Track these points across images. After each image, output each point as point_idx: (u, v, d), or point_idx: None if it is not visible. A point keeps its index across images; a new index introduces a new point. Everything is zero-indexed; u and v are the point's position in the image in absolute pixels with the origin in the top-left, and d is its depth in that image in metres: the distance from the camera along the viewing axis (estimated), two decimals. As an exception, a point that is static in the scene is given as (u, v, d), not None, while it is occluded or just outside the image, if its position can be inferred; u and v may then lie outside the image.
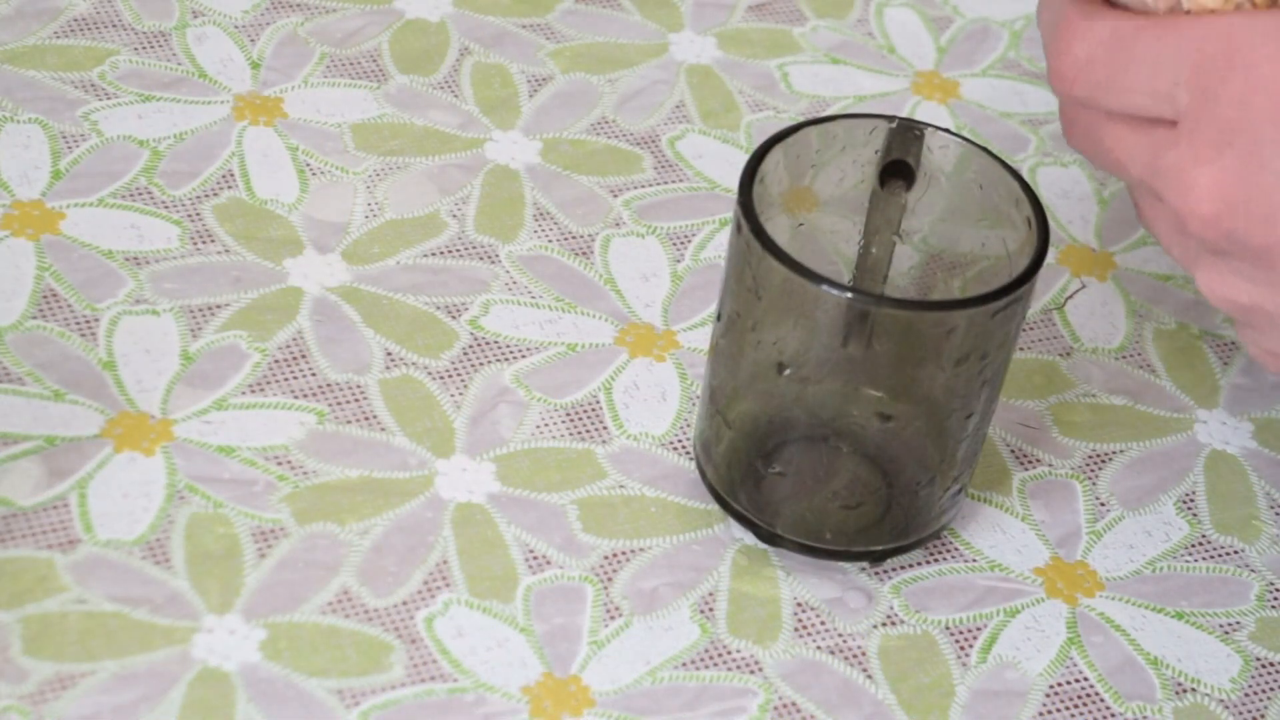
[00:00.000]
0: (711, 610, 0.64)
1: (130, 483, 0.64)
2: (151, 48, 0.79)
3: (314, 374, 0.68)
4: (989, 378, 0.62)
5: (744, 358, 0.63)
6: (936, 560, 0.67)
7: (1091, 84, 0.57)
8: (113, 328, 0.68)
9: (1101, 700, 0.64)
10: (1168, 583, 0.67)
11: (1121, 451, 0.71)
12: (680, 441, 0.69)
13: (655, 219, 0.76)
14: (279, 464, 0.66)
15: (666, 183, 0.77)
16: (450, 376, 0.69)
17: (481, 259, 0.73)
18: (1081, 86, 0.57)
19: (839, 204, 0.65)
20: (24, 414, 0.65)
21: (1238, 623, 0.66)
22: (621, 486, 0.67)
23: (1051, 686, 0.64)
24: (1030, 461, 0.70)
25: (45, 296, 0.69)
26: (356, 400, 0.68)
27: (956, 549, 0.67)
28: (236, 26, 0.80)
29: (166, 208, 0.73)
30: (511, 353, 0.70)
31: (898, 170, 0.64)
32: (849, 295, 0.59)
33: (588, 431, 0.68)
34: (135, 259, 0.71)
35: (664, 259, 0.74)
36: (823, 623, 0.64)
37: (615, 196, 0.76)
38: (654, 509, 0.66)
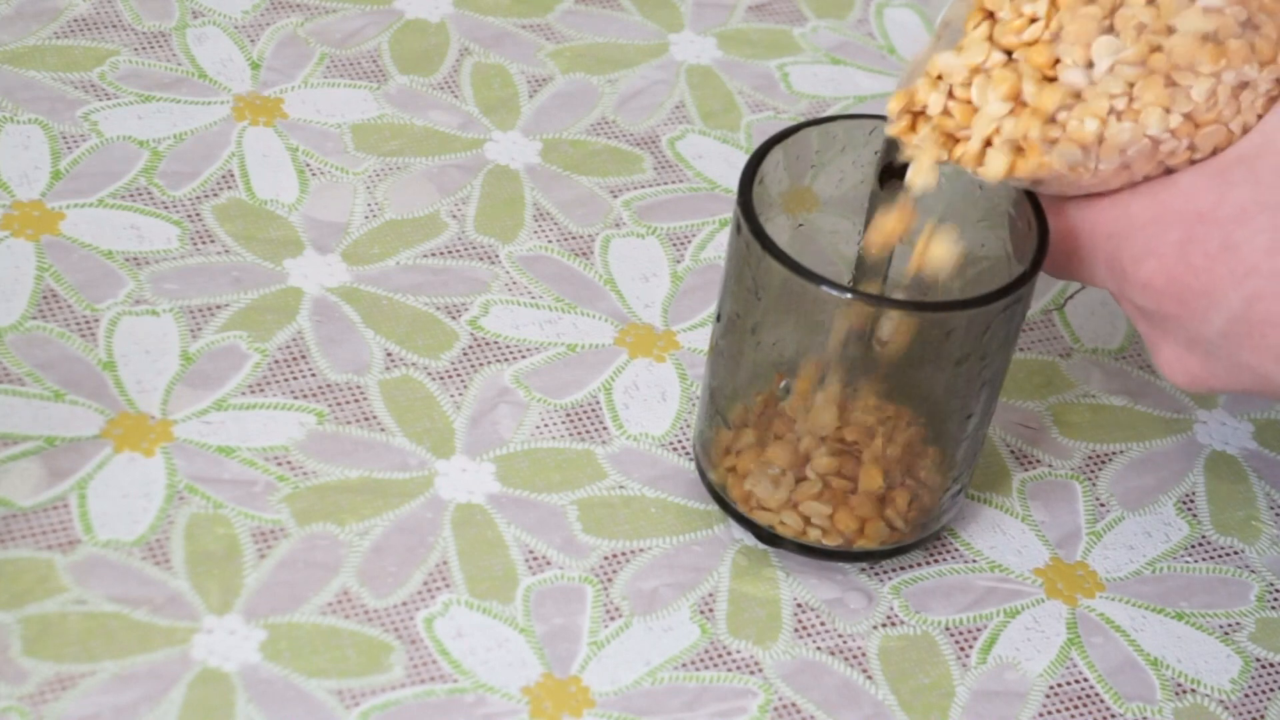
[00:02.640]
0: (711, 611, 0.64)
1: (130, 483, 0.64)
2: (151, 48, 0.79)
3: (314, 374, 0.68)
4: (989, 378, 0.62)
5: (744, 358, 0.63)
6: (936, 561, 0.67)
7: (1065, 277, 0.62)
8: (113, 328, 0.68)
9: (1101, 701, 0.64)
10: (1168, 583, 0.67)
11: (1121, 452, 0.71)
12: (680, 442, 0.69)
13: (655, 219, 0.76)
14: (279, 464, 0.66)
15: (666, 183, 0.77)
16: (450, 377, 0.69)
17: (481, 259, 0.73)
18: (1061, 277, 0.63)
19: (839, 204, 0.65)
20: (24, 414, 0.65)
21: (1238, 623, 0.66)
22: (621, 487, 0.67)
23: (1051, 687, 0.64)
24: (1030, 462, 0.70)
25: (45, 297, 0.69)
26: (356, 401, 0.68)
27: (956, 549, 0.67)
28: (236, 27, 0.80)
29: (166, 208, 0.73)
30: (511, 353, 0.70)
31: (897, 171, 0.64)
32: (849, 295, 0.59)
33: (588, 432, 0.68)
34: (135, 259, 0.71)
35: (664, 259, 0.74)
36: (822, 623, 0.64)
37: (615, 197, 0.76)
38: (654, 509, 0.66)
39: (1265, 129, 0.57)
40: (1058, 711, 0.63)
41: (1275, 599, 0.67)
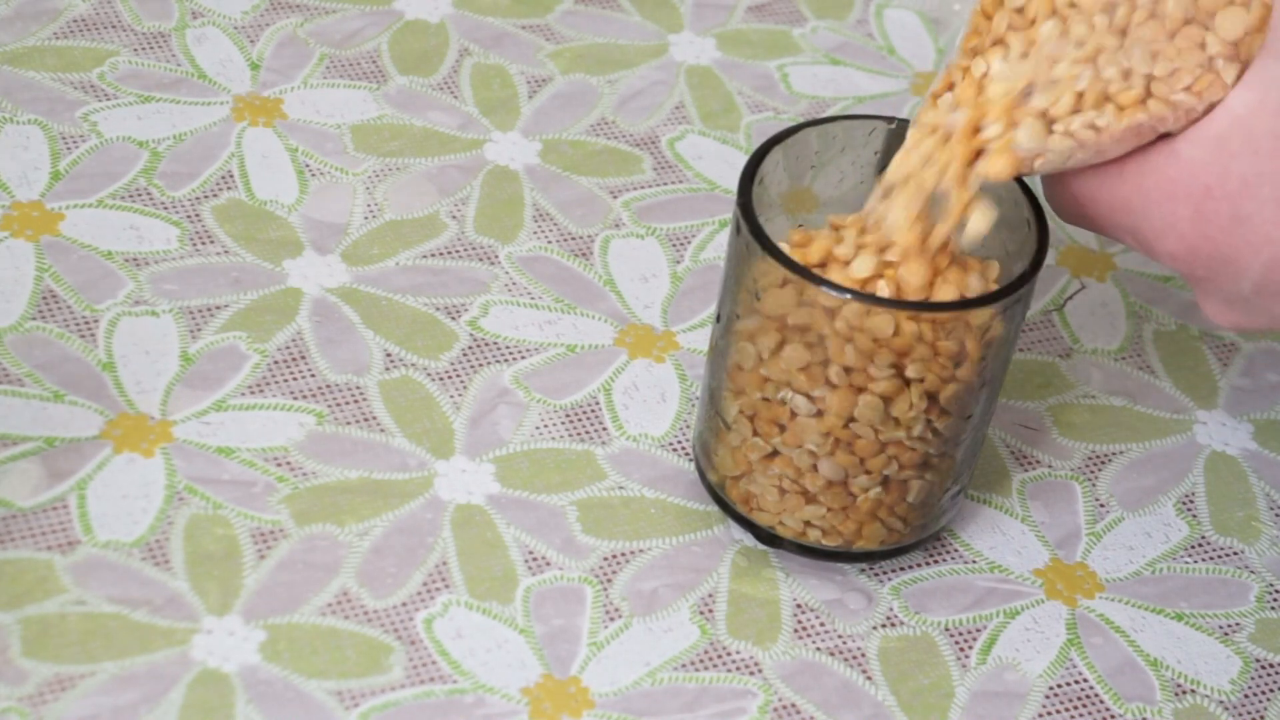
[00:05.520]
0: (711, 611, 0.64)
1: (130, 484, 0.64)
2: (151, 48, 0.79)
3: (313, 375, 0.68)
4: (989, 378, 0.62)
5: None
6: (936, 561, 0.67)
7: (1087, 227, 0.61)
8: (112, 329, 0.68)
9: (1101, 702, 0.64)
10: (1167, 584, 0.67)
11: (1121, 452, 0.71)
12: (680, 443, 0.69)
13: (655, 220, 0.76)
14: (278, 465, 0.66)
15: (666, 183, 0.77)
16: (450, 377, 0.69)
17: (481, 260, 0.73)
18: (1078, 225, 0.61)
19: (839, 204, 0.65)
20: (23, 415, 0.65)
21: (1237, 624, 0.66)
22: (621, 488, 0.67)
23: (1051, 688, 0.64)
24: (1030, 462, 0.70)
25: (45, 298, 0.69)
26: (356, 401, 0.68)
27: (956, 550, 0.67)
28: (236, 27, 0.80)
29: (166, 209, 0.73)
30: (511, 354, 0.70)
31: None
32: (849, 295, 0.59)
33: (587, 432, 0.68)
34: (135, 260, 0.71)
35: (663, 260, 0.74)
36: (822, 624, 0.64)
37: (615, 197, 0.76)
38: (653, 510, 0.66)
39: (1254, 83, 0.56)
40: (1057, 712, 0.63)
41: (1275, 599, 0.67)
